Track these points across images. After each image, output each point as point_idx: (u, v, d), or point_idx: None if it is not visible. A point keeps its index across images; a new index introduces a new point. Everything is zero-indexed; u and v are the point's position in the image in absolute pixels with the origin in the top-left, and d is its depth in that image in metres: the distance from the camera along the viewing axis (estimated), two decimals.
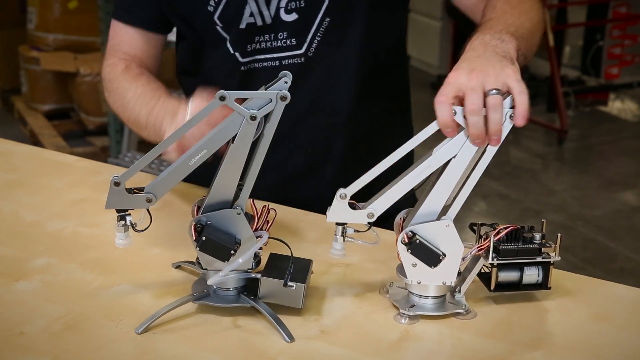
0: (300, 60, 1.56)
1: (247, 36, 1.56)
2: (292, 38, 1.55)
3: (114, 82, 1.56)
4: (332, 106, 1.60)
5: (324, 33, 1.54)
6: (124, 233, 1.19)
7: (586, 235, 3.99)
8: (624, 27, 5.87)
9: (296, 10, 1.53)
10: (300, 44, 1.55)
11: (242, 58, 1.57)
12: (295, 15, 1.53)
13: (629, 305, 1.28)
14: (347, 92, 1.59)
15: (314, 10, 1.53)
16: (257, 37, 1.56)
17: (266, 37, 1.56)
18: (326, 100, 1.60)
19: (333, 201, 1.19)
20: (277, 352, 1.13)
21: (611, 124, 5.69)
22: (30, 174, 1.72)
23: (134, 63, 1.58)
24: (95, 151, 4.51)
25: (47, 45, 4.88)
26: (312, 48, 1.55)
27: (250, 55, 1.57)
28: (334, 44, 1.56)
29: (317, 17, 1.54)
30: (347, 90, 1.59)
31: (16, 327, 1.17)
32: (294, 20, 1.54)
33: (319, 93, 1.59)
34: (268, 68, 1.56)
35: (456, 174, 1.18)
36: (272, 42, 1.56)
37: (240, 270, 1.20)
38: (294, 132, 1.59)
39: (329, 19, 1.54)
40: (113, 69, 1.57)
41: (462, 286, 1.24)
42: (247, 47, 1.57)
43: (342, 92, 1.59)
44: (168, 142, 1.16)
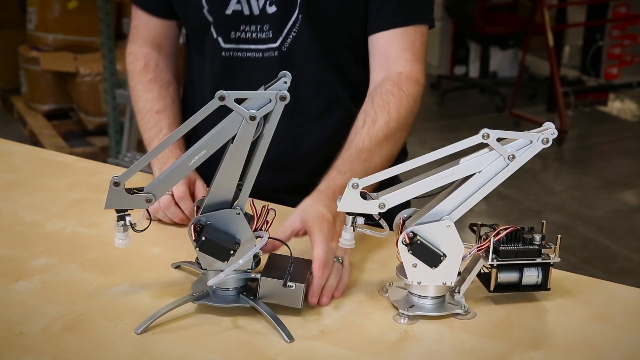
0: (275, 54, 1.58)
1: (232, 23, 1.58)
2: (271, 31, 1.58)
3: (132, 79, 1.69)
4: (300, 104, 1.60)
5: (298, 29, 1.57)
6: (124, 233, 1.19)
7: (586, 235, 3.99)
8: (623, 27, 5.87)
9: (276, 4, 1.56)
10: (275, 37, 1.58)
11: (225, 44, 1.60)
12: (274, 8, 1.56)
13: (629, 305, 1.28)
14: (315, 90, 1.62)
15: (291, 5, 1.56)
16: (243, 26, 1.58)
17: (252, 28, 1.58)
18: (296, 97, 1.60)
19: (345, 191, 1.19)
20: (277, 352, 1.13)
21: (611, 124, 5.70)
22: (29, 174, 1.72)
23: (151, 61, 1.68)
24: (95, 151, 4.51)
25: (47, 46, 4.89)
26: (287, 43, 1.57)
27: (233, 43, 1.60)
28: (306, 41, 1.58)
29: (294, 13, 1.56)
30: (316, 89, 1.62)
31: (16, 327, 1.17)
32: (273, 13, 1.56)
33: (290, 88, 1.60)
34: (249, 59, 1.59)
35: (475, 187, 1.19)
36: (256, 34, 1.58)
37: (240, 270, 1.20)
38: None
39: (301, 16, 1.56)
40: (133, 64, 1.70)
41: (461, 286, 1.24)
42: (230, 34, 1.59)
43: (311, 90, 1.61)
44: (167, 143, 1.16)
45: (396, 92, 1.51)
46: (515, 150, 1.17)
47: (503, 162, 1.17)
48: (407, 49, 1.55)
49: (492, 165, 1.18)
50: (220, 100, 1.12)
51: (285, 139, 1.60)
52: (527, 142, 1.17)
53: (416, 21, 1.56)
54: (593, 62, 5.97)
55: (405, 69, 1.54)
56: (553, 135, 1.17)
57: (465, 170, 1.18)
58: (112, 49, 4.07)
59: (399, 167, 1.19)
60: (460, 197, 1.19)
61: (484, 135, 1.15)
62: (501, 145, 1.16)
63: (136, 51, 1.70)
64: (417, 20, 1.56)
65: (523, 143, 1.17)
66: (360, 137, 1.46)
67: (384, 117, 1.48)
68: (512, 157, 1.17)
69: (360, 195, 1.18)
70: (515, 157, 1.17)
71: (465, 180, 1.19)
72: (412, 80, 1.53)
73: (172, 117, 1.62)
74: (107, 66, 4.08)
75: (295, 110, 1.60)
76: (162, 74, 1.69)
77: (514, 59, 6.34)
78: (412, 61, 1.55)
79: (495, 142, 1.16)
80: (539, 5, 5.23)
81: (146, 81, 1.66)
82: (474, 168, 1.18)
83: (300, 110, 1.60)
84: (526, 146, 1.17)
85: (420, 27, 1.57)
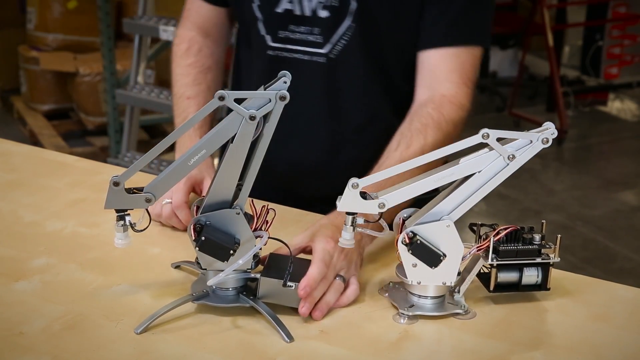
0: (322, 60, 1.55)
1: (281, 22, 1.56)
2: (321, 36, 1.55)
3: (174, 62, 1.69)
4: (342, 114, 1.59)
5: (349, 38, 1.53)
6: (123, 233, 1.19)
7: (586, 235, 3.99)
8: (623, 27, 5.87)
9: (329, 9, 1.52)
10: (325, 43, 1.55)
11: (272, 42, 1.58)
12: (327, 13, 1.53)
13: (629, 305, 1.28)
14: (358, 101, 1.58)
15: (343, 13, 1.52)
16: (293, 27, 1.56)
17: (302, 29, 1.55)
18: (338, 106, 1.59)
19: (344, 190, 1.19)
20: (277, 352, 1.13)
21: (611, 124, 5.70)
22: (29, 174, 1.72)
23: (195, 45, 1.67)
24: (95, 151, 4.51)
25: (47, 45, 4.88)
26: (335, 51, 1.54)
27: (281, 42, 1.57)
28: (355, 50, 1.54)
29: (345, 20, 1.52)
30: (359, 100, 1.58)
31: (16, 327, 1.17)
32: (325, 18, 1.53)
33: (334, 96, 1.59)
34: (295, 60, 1.56)
35: (475, 187, 1.19)
36: (305, 36, 1.55)
37: (240, 270, 1.20)
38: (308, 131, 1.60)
39: (354, 25, 1.52)
40: (177, 47, 1.70)
41: (461, 286, 1.24)
42: (279, 32, 1.57)
43: (354, 101, 1.58)
44: (167, 143, 1.16)
45: (436, 116, 1.45)
46: (515, 150, 1.17)
47: (503, 162, 1.17)
48: (455, 71, 1.50)
49: (492, 165, 1.18)
50: (220, 100, 1.12)
51: (324, 147, 1.58)
52: (527, 142, 1.17)
53: (469, 42, 1.51)
54: (593, 62, 5.97)
55: (450, 91, 1.48)
56: (553, 135, 1.17)
57: (465, 170, 1.18)
58: (112, 49, 4.07)
59: (399, 167, 1.19)
60: (460, 197, 1.19)
61: (484, 135, 1.15)
62: (501, 145, 1.16)
63: (182, 34, 1.69)
64: (470, 42, 1.51)
65: (523, 143, 1.17)
66: (391, 161, 1.41)
67: (419, 142, 1.42)
68: (512, 157, 1.17)
69: (360, 195, 1.18)
70: (515, 157, 1.17)
71: (465, 180, 1.19)
72: (454, 104, 1.48)
73: (203, 104, 1.57)
74: (107, 66, 4.07)
75: (336, 119, 1.60)
76: (203, 59, 1.66)
77: (513, 58, 6.33)
78: (459, 84, 1.49)
79: (495, 142, 1.16)
80: (538, 5, 5.23)
81: (185, 65, 1.65)
82: (473, 168, 1.18)
83: (341, 120, 1.58)
84: (526, 146, 1.17)
85: (473, 49, 1.52)
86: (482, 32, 1.55)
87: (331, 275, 1.24)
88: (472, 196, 1.19)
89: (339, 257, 1.26)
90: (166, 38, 3.74)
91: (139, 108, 4.01)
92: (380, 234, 1.25)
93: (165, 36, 3.71)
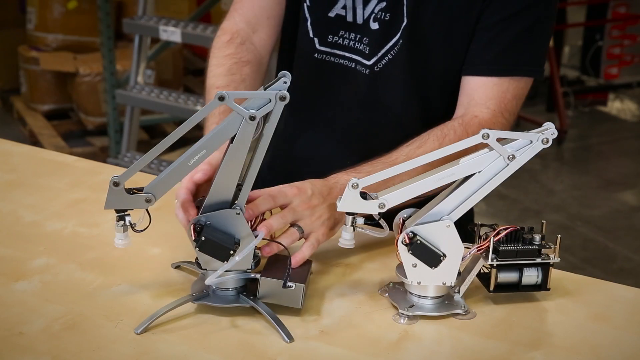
0: (365, 72, 1.54)
1: (332, 26, 1.54)
2: (368, 47, 1.52)
3: (211, 55, 1.59)
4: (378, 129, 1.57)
5: (396, 53, 1.51)
6: (123, 233, 1.19)
7: (585, 235, 3.99)
8: (623, 27, 5.87)
9: (380, 21, 1.50)
10: (371, 55, 1.52)
11: (320, 46, 1.56)
12: (377, 26, 1.51)
13: (628, 305, 1.28)
14: (396, 118, 1.56)
15: (394, 28, 1.50)
16: (342, 32, 1.54)
17: (352, 36, 1.53)
18: (375, 121, 1.57)
19: (345, 190, 1.19)
20: (277, 352, 1.13)
21: (610, 124, 5.70)
22: (29, 174, 1.71)
23: (238, 38, 1.58)
24: (95, 151, 4.51)
25: (47, 46, 4.88)
26: (380, 64, 1.52)
27: (328, 47, 1.55)
28: (400, 67, 1.51)
29: (395, 36, 1.50)
30: (397, 117, 1.56)
31: (15, 327, 1.17)
32: (376, 30, 1.51)
33: (374, 111, 1.56)
34: (340, 66, 1.55)
35: (475, 187, 1.19)
36: (355, 43, 1.53)
37: (240, 270, 1.20)
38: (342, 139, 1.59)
39: (402, 41, 1.50)
40: (218, 39, 1.60)
41: (461, 286, 1.24)
42: (328, 37, 1.55)
43: (392, 117, 1.56)
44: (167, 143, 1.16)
45: (460, 131, 1.41)
46: (515, 150, 1.17)
47: (503, 162, 1.17)
48: (494, 99, 1.44)
49: (492, 165, 1.18)
50: (220, 100, 1.12)
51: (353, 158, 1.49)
52: (527, 142, 1.17)
53: (514, 74, 1.46)
54: (593, 62, 5.97)
55: (484, 115, 1.43)
56: (553, 135, 1.17)
57: (465, 170, 1.18)
58: (112, 49, 4.07)
59: (399, 167, 1.19)
60: (460, 197, 1.19)
61: (484, 135, 1.15)
62: (501, 145, 1.16)
63: (227, 27, 1.60)
64: (516, 73, 1.46)
65: (523, 143, 1.17)
66: (396, 153, 1.39)
67: (432, 147, 1.38)
68: (512, 157, 1.17)
69: (360, 195, 1.19)
70: (515, 157, 1.17)
71: (465, 180, 1.19)
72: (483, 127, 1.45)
73: None
74: (106, 66, 4.08)
75: (371, 134, 1.57)
76: (243, 52, 1.57)
77: None
78: (495, 112, 1.44)
79: (495, 142, 1.16)
80: None
81: (223, 56, 1.55)
82: (473, 168, 1.18)
83: (377, 136, 1.56)
84: (526, 146, 1.17)
85: (518, 80, 1.46)
86: (532, 63, 1.48)
87: (289, 215, 1.26)
88: (472, 196, 1.19)
89: (301, 204, 1.27)
90: (166, 38, 3.74)
91: (139, 108, 4.01)
92: (380, 234, 1.25)
93: (165, 36, 3.71)
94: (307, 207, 1.28)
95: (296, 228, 1.27)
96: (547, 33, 1.50)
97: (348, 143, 1.60)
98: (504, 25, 1.45)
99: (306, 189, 1.29)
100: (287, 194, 1.27)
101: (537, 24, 1.46)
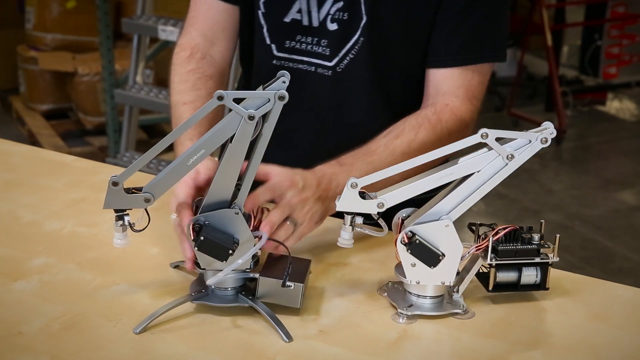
0: (328, 73, 1.54)
1: (288, 31, 1.54)
2: (328, 49, 1.53)
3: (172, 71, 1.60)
4: (346, 128, 1.57)
5: (357, 52, 1.51)
6: (122, 233, 1.19)
7: (584, 234, 4.00)
8: (622, 27, 5.88)
9: (338, 22, 1.50)
10: (332, 57, 1.53)
11: (278, 52, 1.56)
12: (335, 26, 1.51)
13: (627, 305, 1.29)
14: (363, 116, 1.56)
15: (353, 27, 1.50)
16: (300, 37, 1.54)
17: (309, 40, 1.53)
18: (342, 121, 1.57)
19: (344, 190, 1.19)
20: (276, 352, 1.13)
21: (609, 124, 5.70)
22: (28, 174, 1.71)
23: (198, 53, 1.59)
24: (94, 151, 4.50)
25: (45, 45, 4.88)
26: (342, 64, 1.53)
27: (287, 52, 1.55)
28: (363, 65, 1.52)
29: (355, 34, 1.50)
30: (364, 114, 1.56)
31: (14, 327, 1.17)
32: (334, 31, 1.51)
33: (339, 111, 1.57)
34: (300, 71, 1.54)
35: (474, 187, 1.19)
36: (312, 47, 1.53)
37: (239, 270, 1.20)
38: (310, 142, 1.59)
39: (363, 39, 1.50)
40: (177, 55, 1.61)
41: (460, 286, 1.24)
42: (285, 42, 1.55)
43: (358, 115, 1.56)
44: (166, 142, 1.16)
45: (433, 120, 1.45)
46: (514, 149, 1.17)
47: (502, 162, 1.17)
48: (462, 87, 1.49)
49: (491, 165, 1.18)
50: (219, 100, 1.12)
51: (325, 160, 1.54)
52: (526, 142, 1.17)
53: (478, 61, 1.50)
54: (591, 62, 5.98)
55: (454, 103, 1.48)
56: (552, 134, 1.17)
57: (464, 169, 1.18)
58: (111, 49, 4.07)
59: (398, 166, 1.19)
60: (459, 196, 1.19)
61: (483, 134, 1.15)
62: (500, 144, 1.16)
63: (185, 42, 1.61)
64: (480, 60, 1.49)
65: (522, 143, 1.17)
66: (375, 144, 1.41)
67: (409, 137, 1.42)
68: (511, 156, 1.17)
69: (359, 195, 1.19)
70: (514, 157, 1.17)
71: (464, 180, 1.19)
72: (456, 115, 1.47)
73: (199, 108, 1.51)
74: (105, 66, 4.08)
75: (339, 134, 1.57)
76: (205, 67, 1.57)
77: (512, 58, 6.33)
78: (463, 99, 1.49)
79: (494, 142, 1.16)
80: (537, 5, 5.23)
81: (185, 72, 1.56)
82: (472, 167, 1.18)
83: (345, 135, 1.55)
84: (525, 146, 1.17)
85: (482, 66, 1.50)
86: (494, 47, 1.52)
87: (286, 210, 1.27)
88: (471, 196, 1.19)
89: (294, 197, 1.28)
90: (165, 38, 3.74)
91: (138, 108, 4.01)
92: (379, 234, 1.25)
93: (164, 36, 3.71)
94: (300, 200, 1.29)
95: (290, 222, 1.28)
96: (505, 16, 1.54)
97: (316, 147, 1.58)
98: (464, 15, 1.48)
99: (297, 182, 1.30)
100: (282, 186, 1.28)
101: (494, 9, 1.50)
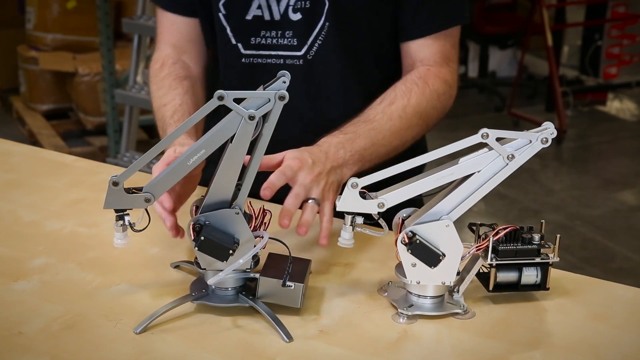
0: (299, 63, 1.55)
1: (252, 29, 1.55)
2: (295, 39, 1.54)
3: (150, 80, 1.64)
4: (322, 113, 1.59)
5: (324, 37, 1.54)
6: (123, 233, 1.19)
7: (585, 234, 4.00)
8: (622, 27, 5.87)
9: (301, 10, 1.53)
10: (300, 46, 1.55)
11: (245, 50, 1.57)
12: (299, 15, 1.53)
13: (628, 305, 1.28)
14: (338, 100, 1.59)
15: (317, 13, 1.52)
16: (264, 32, 1.55)
17: (273, 34, 1.55)
18: (318, 106, 1.59)
19: (344, 190, 1.19)
20: (276, 352, 1.13)
21: (610, 124, 5.70)
22: (28, 174, 1.71)
23: (169, 60, 1.62)
24: (94, 151, 4.50)
25: (46, 45, 4.88)
26: (312, 52, 1.55)
27: (253, 49, 1.56)
28: (332, 49, 1.55)
29: (320, 21, 1.53)
30: (339, 99, 1.59)
31: (15, 327, 1.17)
32: (298, 20, 1.53)
33: (316, 98, 1.59)
34: (270, 65, 1.56)
35: (475, 187, 1.19)
36: (278, 40, 1.55)
37: (239, 270, 1.20)
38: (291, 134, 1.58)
39: (328, 24, 1.53)
40: (151, 68, 1.65)
41: (460, 286, 1.24)
42: (251, 39, 1.56)
43: (333, 100, 1.59)
44: (166, 142, 1.16)
45: (421, 84, 1.52)
46: (515, 149, 1.17)
47: (502, 162, 1.17)
48: (438, 52, 1.56)
49: (491, 165, 1.18)
50: (219, 100, 1.12)
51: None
52: (526, 142, 1.17)
53: (448, 26, 1.56)
54: (592, 62, 5.97)
55: (435, 67, 1.55)
56: (552, 135, 1.17)
57: (465, 169, 1.18)
58: (111, 49, 4.07)
59: (398, 166, 1.19)
60: (459, 196, 1.19)
61: (483, 134, 1.15)
62: (500, 144, 1.16)
63: (157, 57, 1.65)
64: (449, 25, 1.56)
65: (522, 143, 1.17)
66: (372, 111, 1.47)
67: (402, 102, 1.49)
68: (511, 156, 1.17)
69: (360, 195, 1.19)
70: (514, 157, 1.17)
71: (464, 180, 1.19)
72: (439, 77, 1.54)
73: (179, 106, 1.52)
74: (105, 66, 4.08)
75: (316, 120, 1.59)
76: (179, 70, 1.61)
77: (512, 58, 6.34)
78: (442, 63, 1.56)
79: (495, 142, 1.16)
80: (537, 5, 5.23)
81: (160, 79, 1.60)
82: (473, 168, 1.18)
83: (321, 120, 1.57)
84: (525, 146, 1.17)
85: (451, 30, 1.58)
86: (459, 10, 1.58)
87: (301, 192, 1.29)
88: (471, 196, 1.19)
89: (307, 177, 1.30)
90: None
91: (138, 108, 4.00)
92: (379, 234, 1.25)
93: None
94: (313, 178, 1.31)
95: (312, 201, 1.30)
96: None
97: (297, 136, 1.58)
98: None
99: (306, 159, 1.32)
100: (292, 167, 1.30)
101: None
